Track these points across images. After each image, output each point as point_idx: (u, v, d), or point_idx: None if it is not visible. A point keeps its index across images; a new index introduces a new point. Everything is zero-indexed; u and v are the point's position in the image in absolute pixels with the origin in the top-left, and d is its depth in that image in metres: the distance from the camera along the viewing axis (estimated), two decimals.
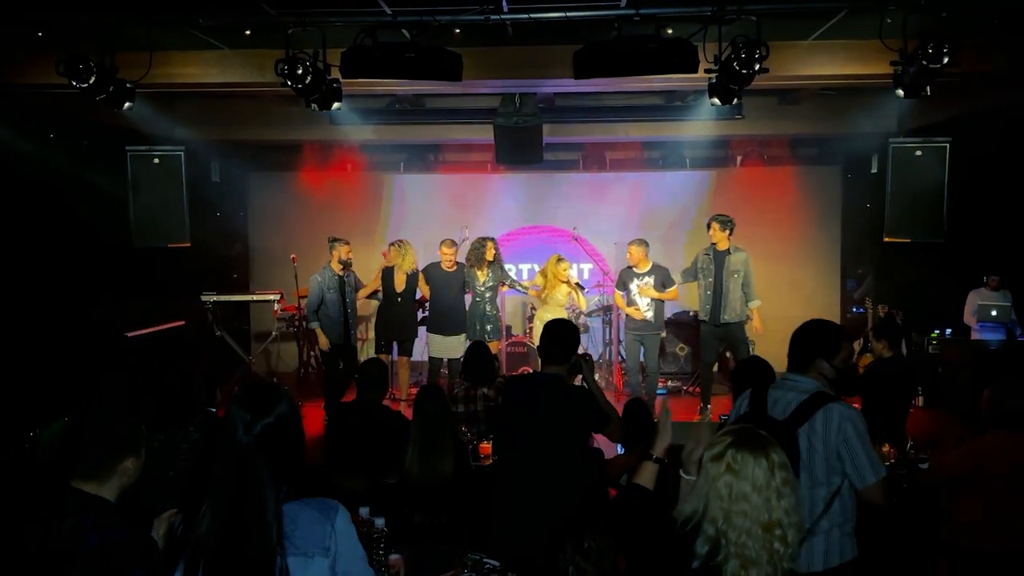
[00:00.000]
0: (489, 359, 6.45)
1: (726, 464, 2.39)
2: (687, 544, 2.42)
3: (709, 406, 8.98)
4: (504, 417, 4.61)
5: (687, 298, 10.45)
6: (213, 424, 4.10)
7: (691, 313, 10.37)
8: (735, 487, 2.36)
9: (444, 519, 4.62)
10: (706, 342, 9.06)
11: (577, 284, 9.22)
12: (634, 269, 9.08)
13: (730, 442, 2.43)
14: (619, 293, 9.19)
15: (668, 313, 9.95)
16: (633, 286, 9.01)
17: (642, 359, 9.16)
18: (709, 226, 8.91)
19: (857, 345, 9.65)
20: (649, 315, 8.98)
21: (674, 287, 9.11)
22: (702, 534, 2.39)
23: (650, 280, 8.99)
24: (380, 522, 3.69)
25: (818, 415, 3.41)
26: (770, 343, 12.12)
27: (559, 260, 9.38)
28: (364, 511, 3.81)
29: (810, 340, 3.66)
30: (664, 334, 9.76)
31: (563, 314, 9.26)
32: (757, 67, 6.06)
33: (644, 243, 9.14)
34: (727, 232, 8.83)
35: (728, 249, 8.84)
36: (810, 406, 3.45)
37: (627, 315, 9.16)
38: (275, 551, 2.28)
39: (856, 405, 6.28)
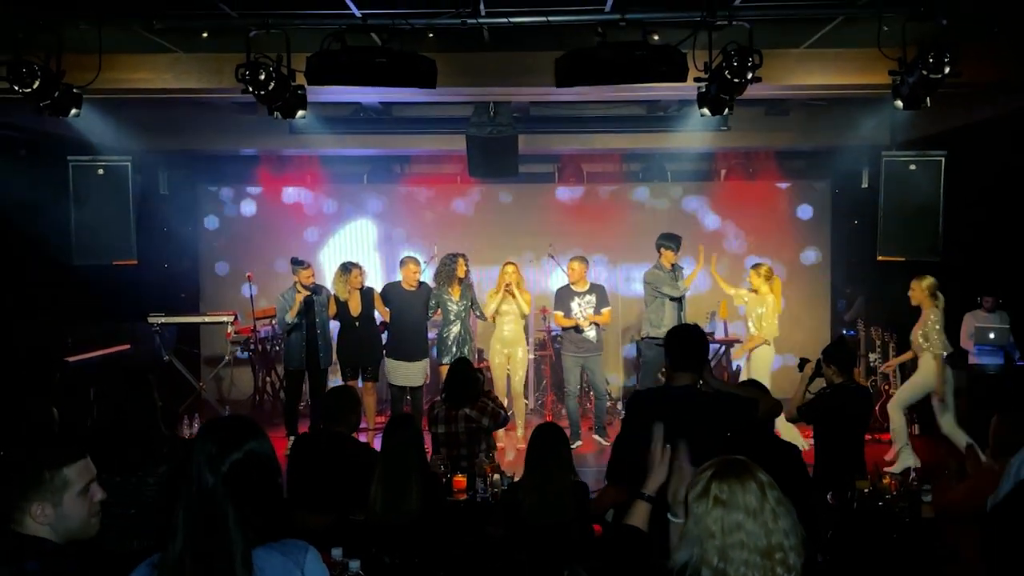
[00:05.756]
0: (473, 377, 6.35)
1: (713, 498, 2.36)
2: None
3: None
4: (635, 438, 4.30)
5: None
6: (182, 455, 3.98)
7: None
8: (726, 519, 2.32)
9: (415, 560, 4.54)
10: (655, 365, 9.04)
11: (507, 287, 9.00)
12: (573, 288, 9.15)
13: (711, 475, 2.41)
14: (559, 313, 9.19)
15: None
16: (574, 305, 9.06)
17: (585, 384, 9.42)
18: (663, 249, 9.18)
19: (858, 372, 9.75)
20: (592, 335, 9.06)
21: (608, 308, 9.25)
22: None
23: (591, 299, 9.08)
24: (355, 565, 3.61)
25: None
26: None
27: (506, 264, 9.18)
28: (337, 552, 3.72)
29: None
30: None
31: (521, 330, 9.24)
32: (750, 75, 6.06)
33: (585, 260, 9.29)
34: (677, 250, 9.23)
35: (677, 264, 9.21)
36: None
37: (565, 337, 9.23)
38: None
39: (807, 435, 6.35)
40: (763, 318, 9.03)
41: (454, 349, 8.91)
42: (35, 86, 6.14)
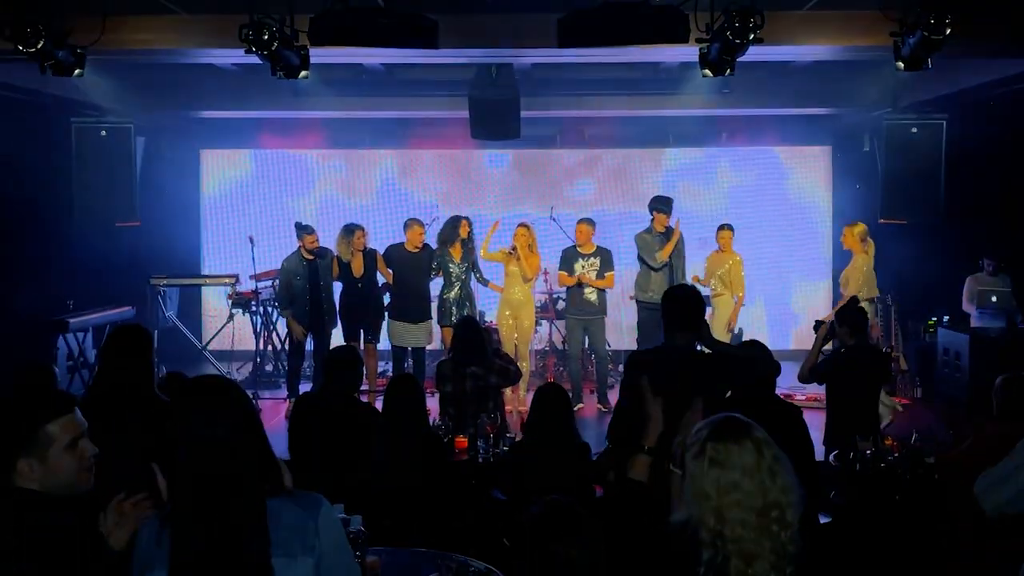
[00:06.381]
0: (480, 336, 6.38)
1: (709, 459, 2.34)
2: (691, 552, 2.38)
3: None
4: (634, 398, 4.35)
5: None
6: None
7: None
8: (723, 479, 2.30)
9: (417, 520, 4.57)
10: (649, 328, 8.97)
11: (513, 249, 8.97)
12: (579, 249, 9.15)
13: (707, 435, 2.39)
14: (563, 272, 9.18)
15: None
16: (578, 267, 9.06)
17: (586, 346, 9.44)
18: (655, 212, 9.14)
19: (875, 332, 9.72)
20: (593, 297, 9.05)
21: (611, 272, 9.19)
22: (700, 541, 2.34)
23: (595, 261, 9.06)
24: (357, 521, 3.63)
25: None
26: (761, 329, 12.25)
27: (519, 226, 9.16)
28: (338, 509, 3.74)
29: None
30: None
31: (529, 292, 9.25)
32: (752, 36, 6.04)
33: (592, 223, 9.24)
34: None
35: (670, 227, 9.14)
36: None
37: (568, 299, 9.25)
38: (268, 554, 2.26)
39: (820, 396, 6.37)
40: (730, 274, 9.19)
41: (454, 310, 8.91)
42: (39, 46, 6.11)
